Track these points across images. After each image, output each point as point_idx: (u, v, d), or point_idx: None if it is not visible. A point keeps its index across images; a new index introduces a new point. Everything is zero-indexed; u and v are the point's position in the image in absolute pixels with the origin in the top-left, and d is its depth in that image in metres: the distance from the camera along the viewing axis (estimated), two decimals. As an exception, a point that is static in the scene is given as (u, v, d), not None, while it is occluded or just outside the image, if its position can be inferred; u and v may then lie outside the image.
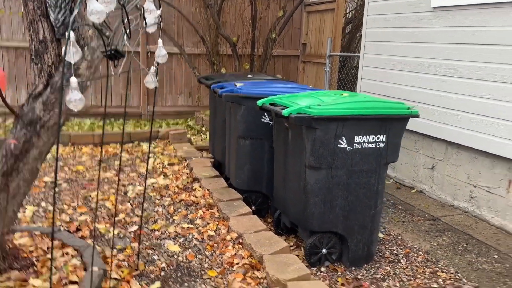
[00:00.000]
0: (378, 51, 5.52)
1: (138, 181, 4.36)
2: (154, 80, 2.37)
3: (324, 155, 2.98)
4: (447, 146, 4.62)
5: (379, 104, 3.10)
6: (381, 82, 5.47)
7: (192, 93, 8.18)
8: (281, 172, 3.44)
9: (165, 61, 2.40)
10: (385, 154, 3.15)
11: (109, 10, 1.75)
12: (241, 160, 3.89)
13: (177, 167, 4.80)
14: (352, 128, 2.99)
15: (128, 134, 5.81)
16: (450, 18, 4.43)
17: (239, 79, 4.62)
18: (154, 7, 2.13)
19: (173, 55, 7.85)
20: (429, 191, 4.87)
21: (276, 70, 8.51)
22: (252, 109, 3.76)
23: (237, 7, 7.48)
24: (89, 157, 5.09)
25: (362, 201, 3.15)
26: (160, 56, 2.32)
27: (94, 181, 4.31)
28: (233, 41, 6.88)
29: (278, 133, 3.47)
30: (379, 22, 5.51)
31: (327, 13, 7.63)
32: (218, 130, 4.80)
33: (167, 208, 3.73)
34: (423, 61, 4.78)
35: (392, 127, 3.11)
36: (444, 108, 4.53)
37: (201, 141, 6.43)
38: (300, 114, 2.93)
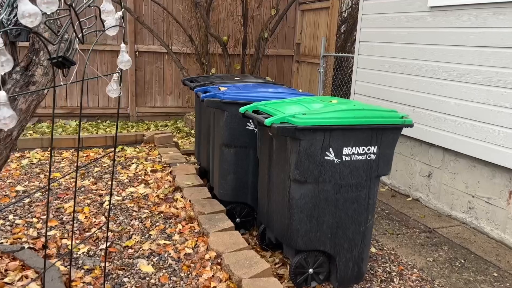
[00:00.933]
0: (373, 52, 5.27)
1: (117, 190, 4.11)
2: (116, 88, 2.12)
3: (310, 168, 2.74)
4: (444, 153, 4.38)
5: (369, 112, 2.86)
6: (376, 85, 5.22)
7: (182, 93, 7.92)
8: (265, 184, 3.20)
9: (129, 67, 2.15)
10: (376, 167, 2.91)
11: (50, 12, 1.50)
12: (225, 170, 3.65)
13: (160, 174, 4.55)
14: (340, 139, 2.75)
15: (112, 137, 5.56)
16: (447, 18, 4.19)
17: (225, 81, 4.37)
18: (112, 8, 1.88)
19: (162, 54, 7.61)
20: (425, 199, 4.63)
21: (269, 70, 8.26)
22: (236, 116, 3.51)
23: (227, 5, 7.22)
24: (68, 163, 4.84)
25: (351, 217, 2.91)
26: (123, 62, 2.07)
27: (70, 190, 4.06)
28: (224, 40, 6.63)
29: (262, 142, 3.23)
30: (374, 22, 5.26)
31: (322, 12, 7.38)
32: (203, 135, 4.56)
33: (144, 221, 3.49)
34: (419, 63, 4.54)
35: (384, 138, 2.87)
36: (441, 113, 4.29)
37: (189, 144, 6.18)
38: (284, 123, 2.69)
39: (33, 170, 4.55)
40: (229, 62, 6.75)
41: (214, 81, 4.38)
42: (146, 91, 7.69)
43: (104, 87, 7.41)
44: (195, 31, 6.87)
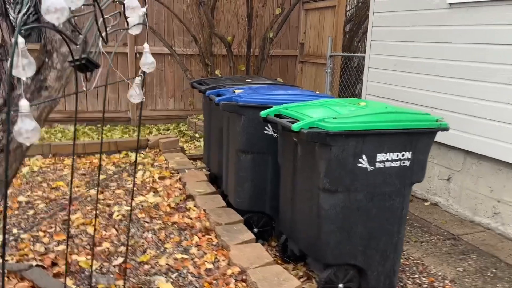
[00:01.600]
0: (386, 51, 5.09)
1: (125, 200, 3.89)
2: (139, 93, 1.92)
3: (341, 177, 2.55)
4: (465, 156, 4.21)
5: (403, 116, 2.67)
6: (390, 85, 5.04)
7: (184, 96, 7.70)
8: (288, 192, 3.00)
9: (153, 70, 1.95)
10: (410, 173, 2.72)
11: (75, 7, 1.30)
12: (242, 177, 3.45)
13: (168, 181, 4.34)
14: (373, 144, 2.56)
15: (115, 143, 5.33)
16: (469, 15, 4.01)
17: (236, 83, 4.17)
18: (138, 3, 1.68)
19: (163, 55, 7.38)
20: (444, 204, 4.46)
21: (273, 71, 8.07)
22: (253, 120, 3.31)
23: (231, 5, 7.01)
24: (72, 171, 4.60)
25: (384, 227, 2.73)
26: (147, 64, 1.87)
27: (76, 200, 3.84)
28: (228, 40, 6.42)
29: (285, 148, 3.03)
30: (387, 20, 5.08)
31: (327, 11, 7.20)
32: (213, 140, 4.35)
33: (157, 233, 3.28)
34: (438, 63, 4.36)
35: (418, 143, 2.68)
36: (462, 115, 4.12)
37: (194, 149, 5.97)
38: (313, 129, 2.49)
39: (35, 179, 4.32)
40: (234, 63, 6.55)
41: (226, 83, 4.18)
42: (147, 94, 7.46)
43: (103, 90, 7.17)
44: (199, 32, 6.66)
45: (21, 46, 1.19)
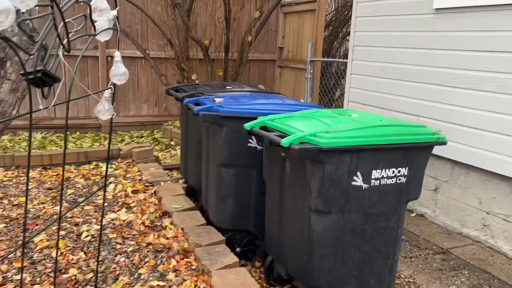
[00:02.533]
0: (370, 57, 4.94)
1: (95, 217, 3.58)
2: (109, 109, 1.65)
3: (335, 196, 2.33)
4: (453, 166, 4.08)
5: (399, 129, 2.48)
6: (374, 92, 4.89)
7: (159, 101, 7.38)
8: (275, 212, 2.76)
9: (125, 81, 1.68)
10: (406, 191, 2.53)
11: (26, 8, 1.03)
12: (223, 193, 3.20)
13: (142, 196, 4.04)
14: (369, 160, 2.36)
15: (84, 153, 4.98)
16: (457, 21, 3.88)
17: (216, 91, 3.92)
18: (107, 5, 1.41)
19: (136, 59, 7.06)
20: (431, 215, 4.32)
21: (251, 76, 7.84)
22: (236, 131, 3.07)
23: (208, 7, 6.75)
24: (36, 184, 4.25)
25: (379, 249, 2.53)
26: (118, 75, 1.61)
27: (40, 219, 3.50)
28: (205, 44, 6.16)
29: (271, 163, 2.80)
30: (370, 25, 4.93)
31: (306, 14, 7.02)
32: (191, 150, 4.09)
33: (131, 256, 2.99)
34: (424, 70, 4.22)
35: (415, 158, 2.50)
36: (450, 124, 3.98)
37: (170, 158, 5.67)
38: (304, 144, 2.27)
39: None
40: (211, 68, 6.28)
41: (204, 90, 3.92)
42: (119, 99, 7.11)
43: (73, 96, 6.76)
44: (174, 35, 6.37)
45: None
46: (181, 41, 6.33)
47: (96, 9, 1.41)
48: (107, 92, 1.64)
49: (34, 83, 1.22)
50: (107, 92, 1.64)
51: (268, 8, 6.80)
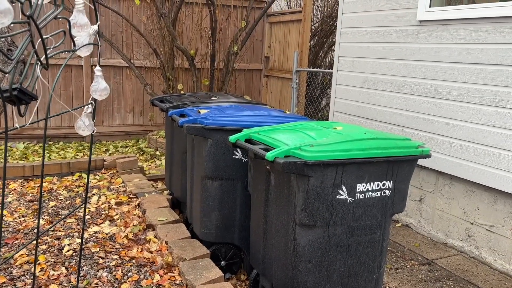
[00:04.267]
0: (355, 68, 4.97)
1: (78, 231, 3.51)
2: (89, 124, 1.62)
3: (319, 210, 2.32)
4: (437, 177, 4.10)
5: (384, 142, 2.48)
6: (358, 103, 4.91)
7: (144, 110, 7.32)
8: (260, 226, 2.74)
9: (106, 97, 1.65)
10: (391, 204, 2.53)
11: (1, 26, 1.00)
12: (208, 206, 3.16)
13: (126, 208, 3.98)
14: (354, 174, 2.35)
15: (67, 164, 4.90)
16: (440, 33, 3.93)
17: (201, 102, 3.90)
18: (87, 20, 1.39)
19: (121, 68, 7.00)
20: (416, 225, 4.33)
21: (237, 85, 7.84)
22: (221, 144, 3.05)
23: (194, 17, 6.74)
24: (17, 197, 4.16)
25: (364, 263, 2.52)
26: (99, 91, 1.58)
27: (20, 233, 3.42)
28: (191, 54, 6.13)
29: (256, 176, 2.78)
30: (355, 36, 4.97)
31: (292, 24, 7.06)
32: (176, 162, 4.05)
33: (113, 271, 2.93)
34: (408, 81, 4.26)
35: (400, 171, 2.50)
36: (434, 134, 4.02)
37: (155, 168, 5.61)
38: (289, 158, 2.26)
39: (-26, 208, 3.85)
40: (197, 77, 6.26)
41: (189, 101, 3.89)
42: (103, 108, 7.03)
43: (56, 105, 6.68)
44: (159, 44, 6.33)
45: None
46: (167, 50, 6.30)
47: (75, 25, 1.38)
48: (87, 107, 1.61)
49: (10, 101, 1.18)
50: (87, 108, 1.61)
51: (254, 18, 6.82)
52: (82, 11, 1.39)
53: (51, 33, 1.31)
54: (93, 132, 1.64)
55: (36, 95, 1.23)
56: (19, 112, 1.22)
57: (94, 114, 1.64)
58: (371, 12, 4.71)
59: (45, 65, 1.24)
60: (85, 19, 1.40)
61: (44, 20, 1.22)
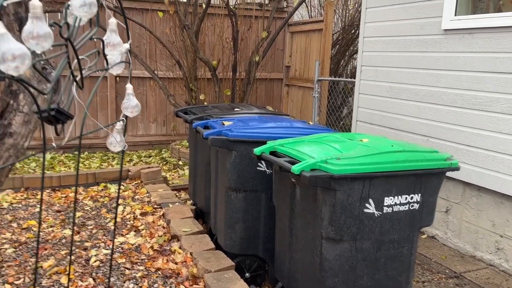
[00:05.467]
0: (378, 77, 4.93)
1: (104, 241, 3.56)
2: (120, 141, 1.65)
3: (346, 224, 2.30)
4: (465, 188, 4.02)
5: (411, 155, 2.45)
6: (382, 112, 4.87)
7: (167, 120, 7.41)
8: (285, 238, 2.73)
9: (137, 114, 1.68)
10: (419, 217, 2.49)
11: (41, 50, 1.03)
12: (232, 217, 3.17)
13: (151, 218, 4.02)
14: (381, 187, 2.33)
15: (93, 174, 4.99)
16: (466, 42, 3.88)
17: (224, 113, 3.93)
18: (119, 39, 1.42)
19: (145, 79, 7.11)
20: (442, 237, 4.25)
21: (258, 95, 7.86)
22: (245, 156, 3.06)
23: (216, 28, 6.81)
24: (45, 206, 4.25)
25: (392, 277, 2.48)
26: (130, 108, 1.61)
27: (49, 243, 3.49)
28: (213, 65, 6.19)
29: (281, 188, 2.78)
30: (378, 45, 4.93)
31: (313, 34, 7.06)
32: (200, 173, 4.08)
33: (140, 282, 2.95)
34: (433, 90, 4.21)
35: (428, 184, 2.47)
36: (461, 145, 3.95)
37: (178, 178, 5.66)
38: (315, 171, 2.25)
39: (4, 218, 3.94)
40: (219, 88, 6.31)
41: (213, 113, 3.93)
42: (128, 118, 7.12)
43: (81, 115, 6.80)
44: (182, 55, 6.41)
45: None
46: (189, 61, 6.37)
47: (109, 44, 1.41)
48: (119, 124, 1.64)
49: (48, 121, 1.22)
50: (119, 124, 1.64)
51: (276, 28, 6.85)
52: (115, 31, 1.42)
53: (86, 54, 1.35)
54: (125, 148, 1.67)
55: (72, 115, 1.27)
56: (55, 131, 1.26)
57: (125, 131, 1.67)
58: (394, 21, 4.68)
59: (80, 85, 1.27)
60: (118, 38, 1.44)
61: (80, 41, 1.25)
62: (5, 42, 0.90)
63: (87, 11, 1.15)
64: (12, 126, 1.66)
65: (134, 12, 6.87)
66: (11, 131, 1.66)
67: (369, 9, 5.05)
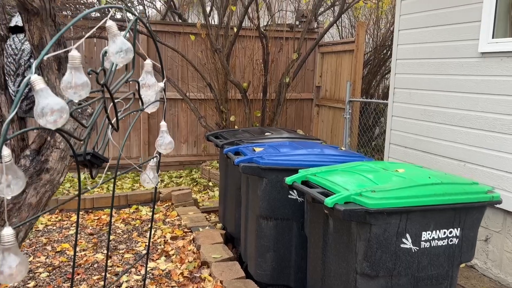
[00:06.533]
0: (412, 99, 4.83)
1: (135, 267, 3.57)
2: (154, 177, 1.65)
3: (382, 260, 2.22)
4: (505, 216, 3.84)
5: (450, 187, 2.36)
6: (416, 135, 4.75)
7: (198, 141, 7.47)
8: (318, 270, 2.66)
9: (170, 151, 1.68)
10: (459, 253, 2.38)
11: (79, 99, 1.04)
12: (263, 246, 3.12)
13: (181, 243, 4.02)
14: (418, 222, 2.25)
15: (125, 196, 5.06)
16: (505, 65, 3.75)
17: (255, 138, 3.91)
18: (155, 80, 1.43)
19: (177, 100, 7.21)
20: (482, 267, 4.06)
21: (288, 115, 7.84)
22: (276, 183, 3.02)
23: (247, 50, 6.86)
24: (79, 229, 4.32)
25: (430, 316, 2.37)
26: (163, 145, 1.61)
27: (81, 267, 3.53)
28: (244, 87, 6.22)
29: (313, 218, 2.72)
30: (411, 67, 4.84)
31: (345, 54, 7.02)
32: (230, 197, 4.06)
33: (170, 311, 2.94)
34: (469, 114, 4.07)
35: (467, 218, 2.36)
36: (500, 171, 3.79)
37: (208, 200, 5.67)
38: (349, 204, 2.19)
39: (39, 240, 4.03)
40: (249, 109, 6.32)
41: (244, 137, 3.92)
42: (159, 139, 7.23)
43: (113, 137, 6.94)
44: (213, 77, 6.48)
45: (5, 160, 0.92)
46: (220, 84, 6.43)
47: (144, 85, 1.43)
48: (153, 161, 1.64)
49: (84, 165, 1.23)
50: (153, 161, 1.64)
51: (306, 49, 6.85)
52: (150, 72, 1.43)
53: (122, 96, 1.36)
54: (157, 185, 1.67)
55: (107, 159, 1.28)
56: (91, 175, 1.26)
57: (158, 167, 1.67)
58: (428, 43, 4.59)
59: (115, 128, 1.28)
60: (153, 79, 1.45)
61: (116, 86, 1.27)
62: (44, 97, 0.91)
63: (124, 57, 1.16)
64: (49, 162, 1.69)
65: (167, 36, 7.02)
66: (47, 167, 1.69)
67: (402, 31, 4.98)
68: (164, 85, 1.53)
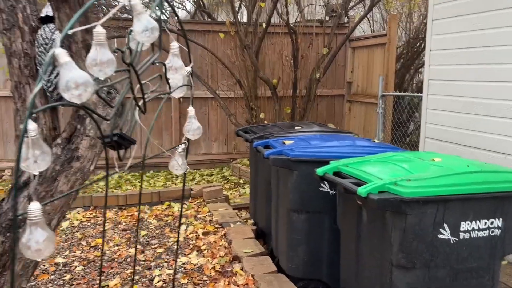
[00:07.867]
0: (447, 91, 4.66)
1: (167, 261, 3.59)
2: (182, 163, 1.63)
3: (419, 250, 2.13)
4: (550, 210, 3.64)
5: (490, 176, 2.25)
6: (453, 128, 4.58)
7: (228, 140, 7.48)
8: (351, 263, 2.59)
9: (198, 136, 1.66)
10: (501, 244, 2.27)
11: (104, 77, 1.03)
12: (294, 240, 3.07)
13: (212, 238, 4.02)
14: (457, 211, 2.15)
15: (158, 193, 5.11)
16: (548, 51, 3.56)
17: (284, 132, 3.87)
18: (181, 63, 1.41)
19: (207, 99, 7.24)
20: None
21: (319, 112, 7.74)
22: (307, 176, 2.97)
23: (276, 46, 6.82)
24: (112, 225, 4.39)
25: (471, 311, 2.26)
26: (192, 131, 1.60)
27: (115, 261, 3.57)
28: (273, 83, 6.19)
29: (345, 210, 2.65)
30: (446, 58, 4.68)
31: (376, 48, 6.87)
32: (260, 192, 4.03)
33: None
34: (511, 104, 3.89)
35: (510, 208, 2.24)
36: (544, 163, 3.60)
37: (239, 197, 5.65)
38: (383, 193, 2.12)
39: (74, 235, 4.12)
40: (279, 106, 6.28)
41: (273, 131, 3.88)
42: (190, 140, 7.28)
43: (144, 134, 7.05)
44: (243, 75, 6.47)
45: (31, 134, 0.92)
46: (250, 81, 6.41)
47: (171, 68, 1.41)
48: (181, 147, 1.63)
49: (111, 146, 1.22)
50: (181, 147, 1.63)
51: (336, 44, 6.74)
52: (177, 54, 1.42)
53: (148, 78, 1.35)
54: (186, 171, 1.66)
55: (134, 140, 1.27)
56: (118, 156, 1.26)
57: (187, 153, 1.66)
58: (465, 32, 4.42)
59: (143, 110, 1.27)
60: (180, 62, 1.43)
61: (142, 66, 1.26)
62: (68, 70, 0.91)
63: (149, 36, 1.15)
64: (79, 150, 1.70)
65: (196, 34, 7.06)
66: (78, 155, 1.71)
67: (436, 20, 4.82)
68: (191, 69, 1.51)
